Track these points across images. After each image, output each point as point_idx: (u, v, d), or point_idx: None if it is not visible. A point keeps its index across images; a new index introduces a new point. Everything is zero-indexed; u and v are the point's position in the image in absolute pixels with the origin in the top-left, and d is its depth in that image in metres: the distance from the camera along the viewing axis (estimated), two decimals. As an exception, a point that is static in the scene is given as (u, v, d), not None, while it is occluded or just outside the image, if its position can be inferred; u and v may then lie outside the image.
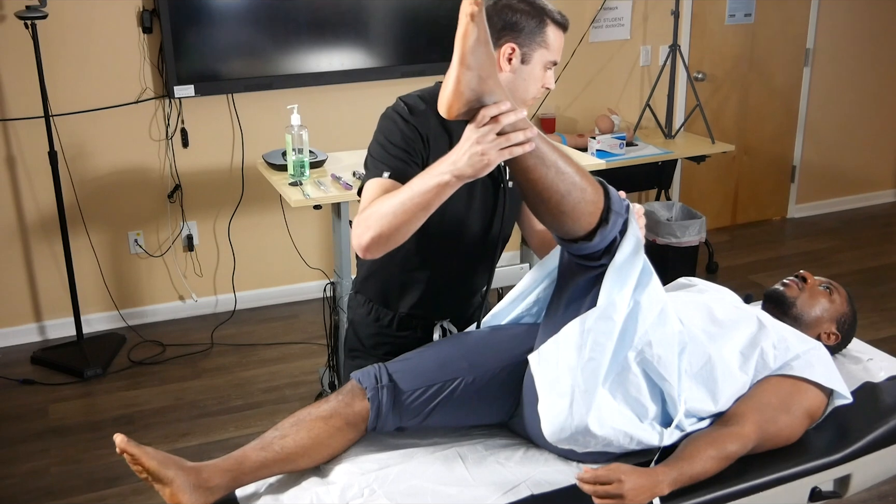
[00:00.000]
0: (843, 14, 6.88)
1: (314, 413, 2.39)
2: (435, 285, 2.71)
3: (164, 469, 2.19)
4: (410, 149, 2.47)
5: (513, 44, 2.44)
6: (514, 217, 2.75)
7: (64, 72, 4.90)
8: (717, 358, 2.43)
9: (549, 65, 2.49)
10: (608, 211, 2.20)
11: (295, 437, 2.35)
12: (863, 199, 7.57)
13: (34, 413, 4.53)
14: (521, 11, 2.43)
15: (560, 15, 2.47)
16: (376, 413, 2.39)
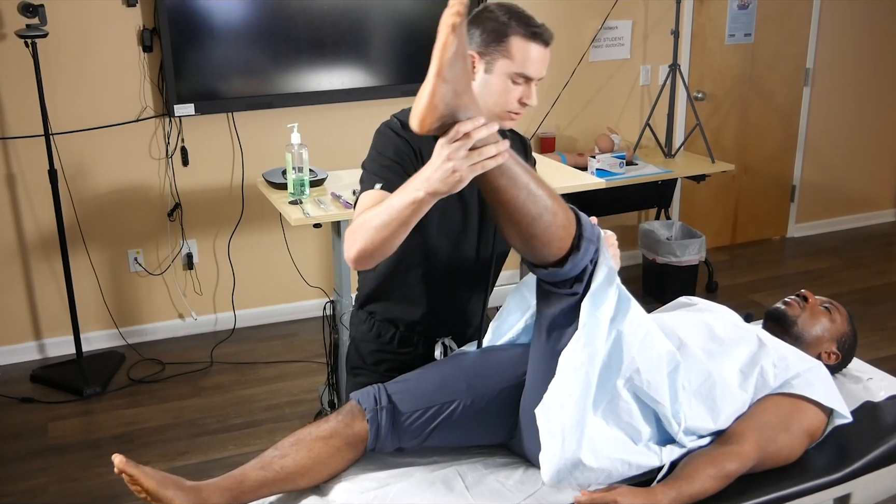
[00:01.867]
0: (842, 34, 6.89)
1: (314, 433, 2.39)
2: (434, 302, 2.71)
3: (162, 489, 2.18)
4: (403, 161, 2.49)
5: (473, 52, 2.43)
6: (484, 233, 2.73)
7: (64, 90, 4.91)
8: (716, 376, 2.43)
9: (516, 77, 2.45)
10: (580, 237, 2.22)
11: (295, 457, 2.34)
12: (863, 219, 7.57)
13: (33, 431, 4.52)
14: (488, 19, 2.42)
15: (534, 27, 2.42)
16: (375, 434, 2.39)
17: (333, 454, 2.38)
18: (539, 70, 2.48)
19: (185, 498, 2.20)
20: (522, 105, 2.53)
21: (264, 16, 5.07)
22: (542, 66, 2.48)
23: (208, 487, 2.27)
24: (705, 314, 2.77)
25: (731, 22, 6.50)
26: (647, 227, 6.02)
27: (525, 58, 2.43)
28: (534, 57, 2.44)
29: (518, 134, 2.83)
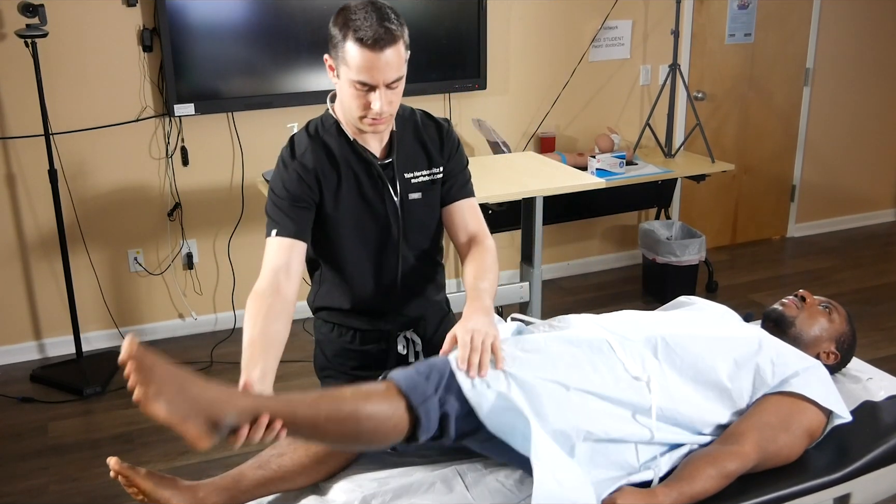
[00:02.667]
0: (842, 34, 6.89)
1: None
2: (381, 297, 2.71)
3: (158, 489, 2.18)
4: (296, 196, 2.52)
5: (327, 54, 2.43)
6: (420, 228, 2.71)
7: (64, 90, 4.91)
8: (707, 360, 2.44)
9: (356, 85, 2.37)
10: (414, 408, 2.19)
11: (292, 456, 2.35)
12: (863, 219, 7.57)
13: (33, 431, 4.52)
14: (336, 22, 2.37)
15: (366, 32, 2.31)
16: None
17: (330, 453, 2.38)
18: (377, 76, 2.35)
19: (182, 498, 2.20)
20: (366, 110, 2.42)
21: (264, 15, 5.07)
22: (380, 72, 2.34)
23: (205, 487, 2.27)
24: (704, 313, 2.77)
25: (731, 22, 6.50)
26: (647, 226, 6.02)
27: (359, 65, 2.33)
28: (368, 64, 2.33)
29: (435, 120, 2.73)
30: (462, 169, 2.75)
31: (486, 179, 4.43)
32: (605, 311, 2.78)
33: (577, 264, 6.52)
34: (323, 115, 2.64)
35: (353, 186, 2.57)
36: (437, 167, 2.68)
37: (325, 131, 2.59)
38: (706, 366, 2.44)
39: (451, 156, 2.71)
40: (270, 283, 2.43)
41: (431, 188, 2.68)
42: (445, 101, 5.69)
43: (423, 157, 2.66)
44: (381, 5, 2.38)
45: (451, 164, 2.71)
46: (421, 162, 2.66)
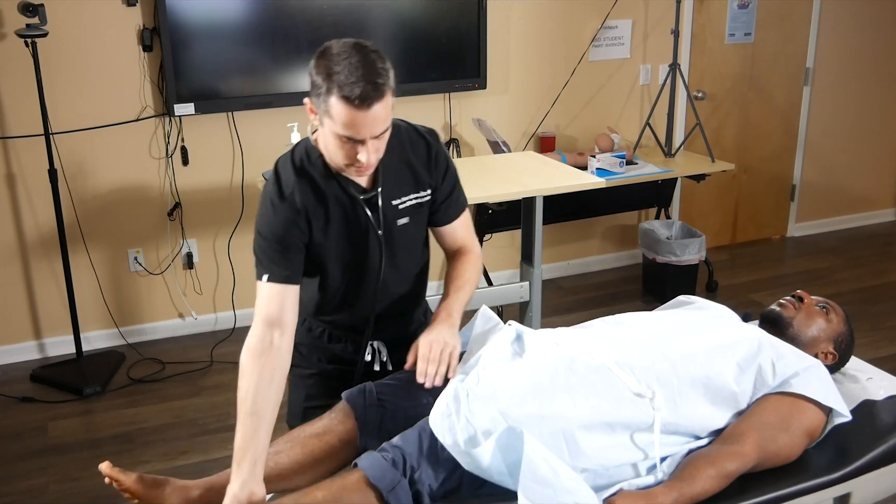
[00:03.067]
0: (842, 33, 6.89)
1: (308, 431, 2.39)
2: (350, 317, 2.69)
3: (151, 491, 2.18)
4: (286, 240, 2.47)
5: (308, 100, 2.34)
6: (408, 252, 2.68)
7: (64, 90, 4.91)
8: (712, 370, 2.43)
9: (342, 138, 2.29)
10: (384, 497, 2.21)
11: (289, 454, 2.35)
12: (863, 218, 7.57)
13: (33, 431, 4.52)
14: (318, 71, 2.27)
15: (352, 89, 2.21)
16: (362, 432, 2.39)
17: (328, 451, 2.38)
18: (364, 132, 2.27)
19: (176, 497, 2.20)
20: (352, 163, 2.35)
21: (264, 15, 5.07)
22: (367, 128, 2.26)
23: (200, 485, 2.27)
24: (703, 313, 2.77)
25: (732, 21, 6.50)
26: (647, 226, 6.02)
27: (345, 122, 2.25)
28: (355, 121, 2.25)
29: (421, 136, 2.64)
30: (454, 185, 2.69)
31: (486, 179, 4.43)
32: (605, 310, 2.78)
33: (577, 264, 6.52)
34: (304, 146, 2.54)
35: (338, 220, 2.52)
36: (424, 189, 2.61)
37: (311, 164, 2.49)
38: (714, 372, 2.43)
39: (442, 175, 2.64)
40: (262, 337, 2.48)
41: (419, 210, 2.63)
42: (445, 100, 5.69)
43: (411, 180, 2.59)
44: (366, 51, 2.28)
45: (444, 184, 2.66)
46: (408, 185, 2.59)
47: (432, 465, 2.22)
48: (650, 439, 2.32)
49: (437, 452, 2.23)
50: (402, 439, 2.26)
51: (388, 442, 2.29)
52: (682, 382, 2.39)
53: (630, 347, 2.47)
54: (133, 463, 4.20)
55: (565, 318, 5.64)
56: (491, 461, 2.16)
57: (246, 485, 2.23)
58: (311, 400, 2.78)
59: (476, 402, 2.26)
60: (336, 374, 2.77)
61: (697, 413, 2.40)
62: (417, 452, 2.22)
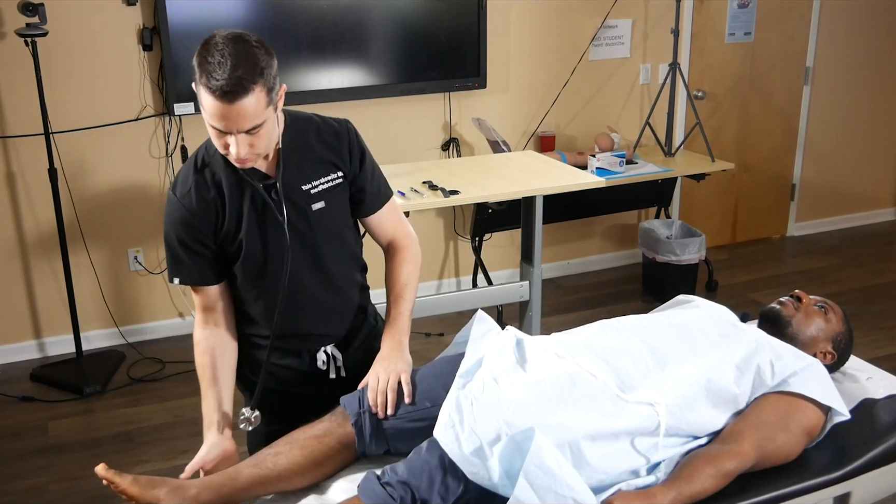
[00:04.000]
0: (842, 33, 6.89)
1: (308, 432, 2.39)
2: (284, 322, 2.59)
3: (148, 490, 2.17)
4: (184, 240, 2.48)
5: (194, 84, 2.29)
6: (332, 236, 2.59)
7: (64, 89, 4.91)
8: (712, 372, 2.43)
9: (213, 128, 2.26)
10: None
11: (289, 455, 2.34)
12: (863, 218, 7.57)
13: (33, 430, 4.52)
14: (196, 59, 2.28)
15: (216, 80, 2.21)
16: (359, 436, 2.39)
17: (327, 453, 2.38)
18: (230, 125, 2.22)
19: (173, 497, 2.20)
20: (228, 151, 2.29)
21: (264, 14, 5.07)
22: (232, 122, 2.21)
23: (198, 485, 2.26)
24: (701, 313, 2.76)
25: (731, 21, 6.50)
26: (647, 225, 6.02)
27: (211, 112, 2.22)
28: (218, 112, 2.21)
29: (330, 124, 2.59)
30: (372, 175, 2.64)
31: (485, 179, 4.44)
32: (605, 310, 2.79)
33: (577, 263, 6.52)
34: (207, 142, 2.46)
35: (246, 210, 2.45)
36: (335, 172, 2.55)
37: (212, 158, 2.45)
38: (714, 374, 2.43)
39: (358, 162, 2.59)
40: (204, 320, 2.66)
41: (336, 193, 2.55)
42: (445, 100, 5.69)
43: (319, 165, 2.53)
44: (247, 45, 2.26)
45: (361, 172, 2.60)
46: (316, 170, 2.52)
47: (441, 496, 2.21)
48: (651, 443, 2.32)
49: (445, 483, 2.21)
50: (408, 470, 2.23)
51: (393, 471, 2.26)
52: (683, 387, 2.39)
53: (632, 356, 2.46)
54: (133, 462, 4.20)
55: (565, 317, 5.64)
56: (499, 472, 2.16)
57: (216, 445, 2.43)
58: (273, 424, 2.69)
59: (480, 411, 2.25)
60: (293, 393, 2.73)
61: (699, 416, 2.39)
62: (426, 485, 2.21)
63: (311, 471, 2.37)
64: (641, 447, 2.31)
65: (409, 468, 2.24)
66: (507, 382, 2.34)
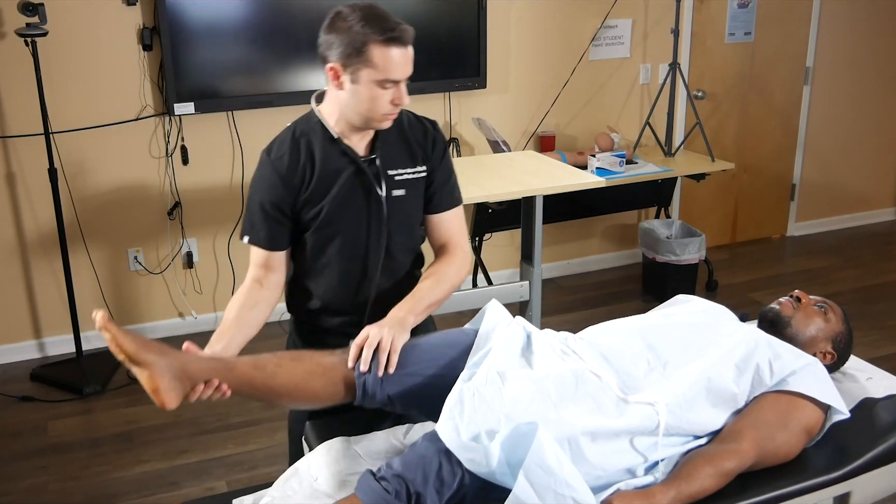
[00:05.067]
0: (842, 33, 6.89)
1: (317, 359, 2.41)
2: (351, 300, 2.72)
3: (142, 352, 2.16)
4: (268, 201, 2.58)
5: (334, 65, 2.49)
6: (404, 225, 2.72)
7: (64, 89, 4.91)
8: (712, 371, 2.43)
9: (383, 83, 2.45)
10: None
11: (290, 369, 2.35)
12: (863, 218, 7.57)
13: (33, 430, 4.52)
14: (341, 31, 2.46)
15: (390, 32, 2.43)
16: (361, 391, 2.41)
17: (327, 384, 2.38)
18: (404, 71, 2.47)
19: (167, 364, 2.19)
20: (396, 105, 2.51)
21: (264, 14, 5.07)
22: (405, 67, 2.47)
23: (196, 362, 2.25)
24: (701, 313, 2.76)
25: (731, 20, 6.50)
26: (647, 225, 6.02)
27: (387, 64, 2.43)
28: (396, 61, 2.44)
29: (421, 122, 2.78)
30: (449, 176, 2.78)
31: (485, 178, 4.43)
32: (605, 309, 2.79)
33: (577, 263, 6.52)
34: (307, 115, 2.65)
35: (340, 183, 2.58)
36: (419, 165, 2.70)
37: (311, 130, 2.60)
38: (715, 373, 2.43)
39: (438, 161, 2.75)
40: (252, 281, 2.64)
41: (415, 186, 2.70)
42: (445, 99, 5.69)
43: (406, 154, 2.69)
44: (378, 7, 2.48)
45: (439, 172, 2.75)
46: (404, 159, 2.68)
47: (437, 489, 2.21)
48: (651, 442, 2.32)
49: (440, 476, 2.22)
50: (402, 465, 2.23)
51: (388, 467, 2.26)
52: (683, 387, 2.39)
53: (633, 356, 2.46)
54: (133, 462, 4.20)
55: (565, 317, 5.64)
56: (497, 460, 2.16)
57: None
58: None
59: (482, 403, 2.25)
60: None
61: (699, 415, 2.39)
62: (421, 479, 2.21)
63: (303, 395, 2.38)
64: (641, 446, 2.31)
65: (404, 462, 2.24)
66: (511, 378, 2.34)
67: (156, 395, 2.19)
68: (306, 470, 2.44)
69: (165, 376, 2.17)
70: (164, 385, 2.17)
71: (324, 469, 2.42)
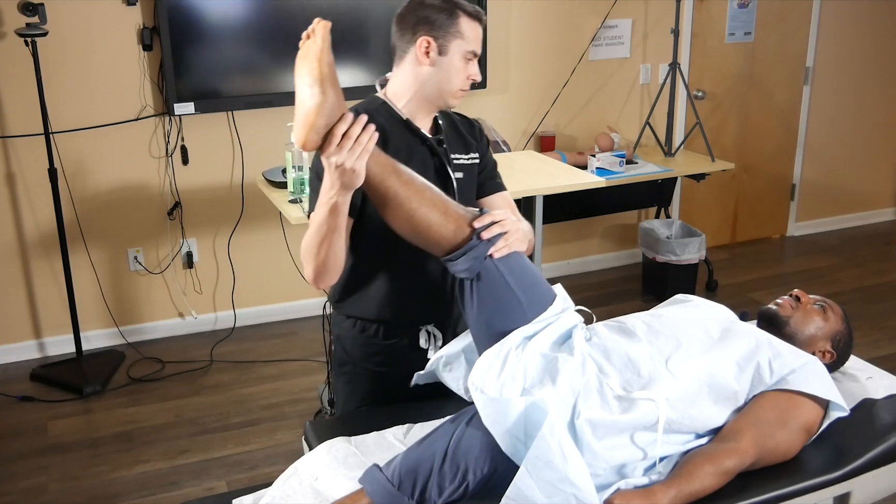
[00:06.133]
0: (842, 33, 6.90)
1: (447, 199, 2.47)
2: (407, 289, 2.74)
3: (330, 81, 2.17)
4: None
5: (427, 37, 2.57)
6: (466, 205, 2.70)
7: (64, 89, 4.91)
8: (714, 368, 2.43)
9: (468, 55, 2.60)
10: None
11: (420, 188, 2.41)
12: (863, 218, 7.58)
13: (33, 430, 4.52)
14: (432, 7, 2.56)
15: (473, 7, 2.60)
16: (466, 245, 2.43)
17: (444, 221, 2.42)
18: (481, 45, 2.66)
19: (336, 106, 2.19)
20: (471, 81, 2.66)
21: (264, 14, 5.07)
22: (481, 42, 2.66)
23: (349, 118, 2.22)
24: (701, 312, 2.76)
25: (731, 20, 6.50)
26: (647, 225, 6.02)
27: (475, 36, 2.60)
28: (479, 36, 2.63)
29: (468, 118, 2.94)
30: (494, 165, 2.95)
31: (485, 178, 4.43)
32: (605, 309, 2.79)
33: (577, 263, 6.52)
34: (368, 100, 2.70)
35: (409, 163, 2.56)
36: (473, 152, 2.84)
37: (375, 111, 2.61)
38: (717, 370, 2.43)
39: (485, 151, 2.91)
40: None
41: (471, 171, 2.82)
42: (445, 99, 5.68)
43: (461, 142, 2.82)
44: None
45: (487, 157, 2.91)
46: (460, 146, 2.81)
47: (438, 483, 2.22)
48: (651, 438, 2.32)
49: (443, 472, 2.22)
50: (409, 460, 2.24)
51: (394, 461, 2.28)
52: (686, 382, 2.39)
53: (637, 353, 2.46)
54: (133, 462, 4.20)
55: (565, 317, 5.63)
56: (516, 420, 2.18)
57: None
58: (366, 402, 2.85)
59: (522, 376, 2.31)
60: (391, 376, 2.79)
61: (700, 412, 2.39)
62: (428, 472, 2.22)
63: (418, 214, 2.40)
64: (641, 442, 2.31)
65: (410, 457, 2.27)
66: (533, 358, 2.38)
67: (303, 128, 2.17)
68: (306, 470, 2.44)
69: (324, 117, 2.15)
70: (320, 123, 2.16)
71: (324, 469, 2.42)
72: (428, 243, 2.44)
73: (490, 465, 2.21)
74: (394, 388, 2.77)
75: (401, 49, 2.63)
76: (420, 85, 2.63)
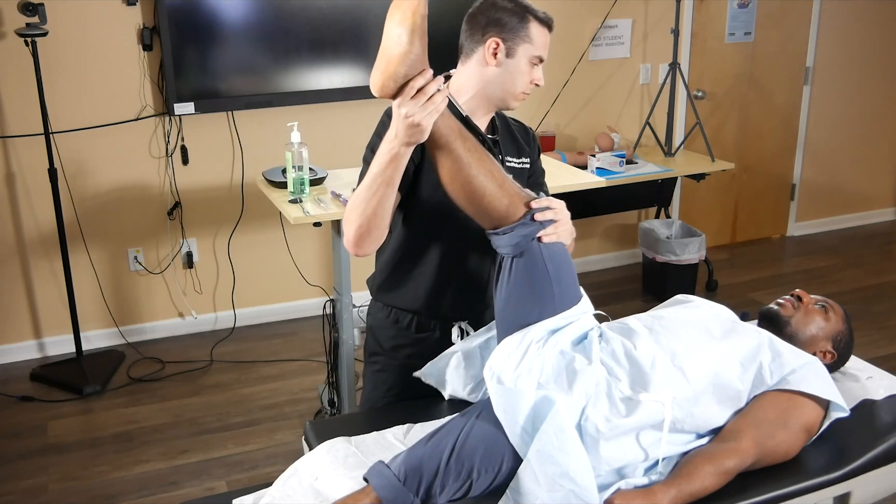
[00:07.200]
0: (842, 33, 6.90)
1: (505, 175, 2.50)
2: (447, 282, 2.75)
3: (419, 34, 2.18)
4: None
5: (497, 38, 2.59)
6: None
7: (64, 89, 4.91)
8: (719, 366, 2.43)
9: (534, 60, 2.61)
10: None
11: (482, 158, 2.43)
12: (863, 218, 7.57)
13: (33, 430, 4.52)
14: (504, 9, 2.58)
15: (543, 14, 2.61)
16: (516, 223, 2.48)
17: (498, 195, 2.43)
18: (546, 52, 2.65)
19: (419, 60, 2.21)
20: (534, 85, 2.67)
21: (264, 14, 5.07)
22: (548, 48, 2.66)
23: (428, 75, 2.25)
24: (702, 312, 2.76)
25: (731, 20, 6.50)
26: (647, 225, 6.02)
27: (543, 42, 2.61)
28: (547, 42, 2.63)
29: (522, 123, 2.95)
30: (543, 172, 2.95)
31: (485, 178, 4.43)
32: (605, 309, 2.78)
33: (577, 263, 6.44)
34: None
35: None
36: (525, 157, 2.84)
37: None
38: (722, 369, 2.43)
39: (537, 155, 2.92)
40: None
41: (521, 174, 2.81)
42: (445, 99, 5.68)
43: (514, 146, 2.82)
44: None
45: (537, 163, 2.91)
46: (513, 149, 2.81)
47: (442, 481, 2.22)
48: (655, 437, 2.32)
49: (450, 470, 2.23)
50: (414, 457, 2.24)
51: (399, 456, 2.28)
52: (691, 381, 2.39)
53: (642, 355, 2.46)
54: (133, 462, 4.20)
55: (565, 317, 5.63)
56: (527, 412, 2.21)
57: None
58: (391, 392, 2.88)
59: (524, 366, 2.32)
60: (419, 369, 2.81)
61: (704, 411, 2.40)
62: (434, 470, 2.22)
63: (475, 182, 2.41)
64: (645, 441, 2.31)
65: (416, 454, 2.27)
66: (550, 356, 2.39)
67: (382, 74, 2.19)
68: (306, 470, 2.44)
69: (405, 66, 2.17)
70: (400, 72, 2.17)
71: (324, 469, 2.42)
72: (478, 212, 2.44)
73: (496, 463, 2.22)
74: (420, 381, 2.78)
75: (468, 48, 2.68)
76: (484, 84, 2.67)
